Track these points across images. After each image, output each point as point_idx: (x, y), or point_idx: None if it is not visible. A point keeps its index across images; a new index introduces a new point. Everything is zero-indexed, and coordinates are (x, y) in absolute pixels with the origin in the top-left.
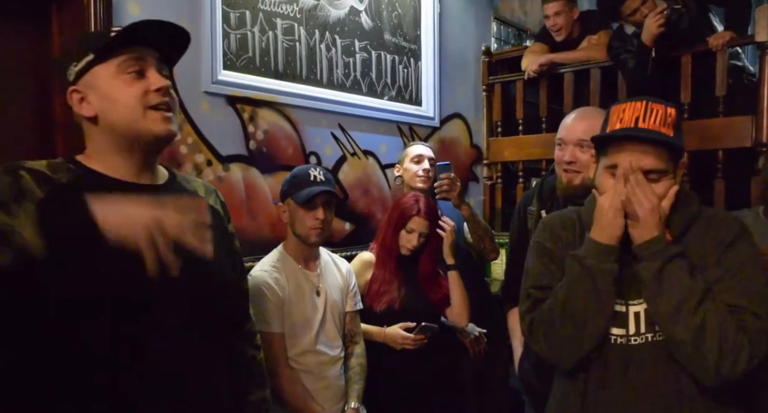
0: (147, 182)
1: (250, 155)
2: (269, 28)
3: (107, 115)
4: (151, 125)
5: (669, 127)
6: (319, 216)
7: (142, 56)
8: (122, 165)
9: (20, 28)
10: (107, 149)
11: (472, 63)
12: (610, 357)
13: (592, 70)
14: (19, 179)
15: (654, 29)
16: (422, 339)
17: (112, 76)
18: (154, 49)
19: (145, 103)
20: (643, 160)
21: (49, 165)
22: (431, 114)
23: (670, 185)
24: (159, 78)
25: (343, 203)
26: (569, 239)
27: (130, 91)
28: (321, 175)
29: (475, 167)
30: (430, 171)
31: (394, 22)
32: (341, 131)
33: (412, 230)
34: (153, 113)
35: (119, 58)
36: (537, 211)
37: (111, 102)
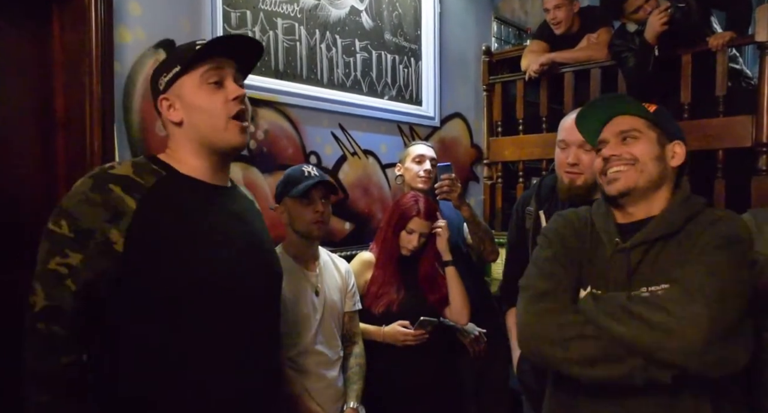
0: (222, 183)
1: (250, 154)
2: (270, 27)
3: (192, 121)
4: (230, 136)
5: (649, 108)
6: (319, 209)
7: (221, 66)
8: (200, 167)
9: (21, 28)
10: (188, 151)
11: (473, 63)
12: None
13: (592, 70)
14: (109, 195)
15: (658, 27)
16: (423, 333)
17: (195, 86)
18: (232, 59)
19: (226, 112)
20: (618, 126)
21: (134, 168)
22: (431, 114)
23: (649, 144)
24: (236, 87)
25: (343, 203)
26: (583, 239)
27: (212, 100)
28: (314, 170)
29: (476, 166)
30: (431, 172)
31: (394, 21)
32: (341, 130)
33: (412, 231)
34: (234, 124)
35: (201, 69)
36: (535, 211)
37: (196, 110)
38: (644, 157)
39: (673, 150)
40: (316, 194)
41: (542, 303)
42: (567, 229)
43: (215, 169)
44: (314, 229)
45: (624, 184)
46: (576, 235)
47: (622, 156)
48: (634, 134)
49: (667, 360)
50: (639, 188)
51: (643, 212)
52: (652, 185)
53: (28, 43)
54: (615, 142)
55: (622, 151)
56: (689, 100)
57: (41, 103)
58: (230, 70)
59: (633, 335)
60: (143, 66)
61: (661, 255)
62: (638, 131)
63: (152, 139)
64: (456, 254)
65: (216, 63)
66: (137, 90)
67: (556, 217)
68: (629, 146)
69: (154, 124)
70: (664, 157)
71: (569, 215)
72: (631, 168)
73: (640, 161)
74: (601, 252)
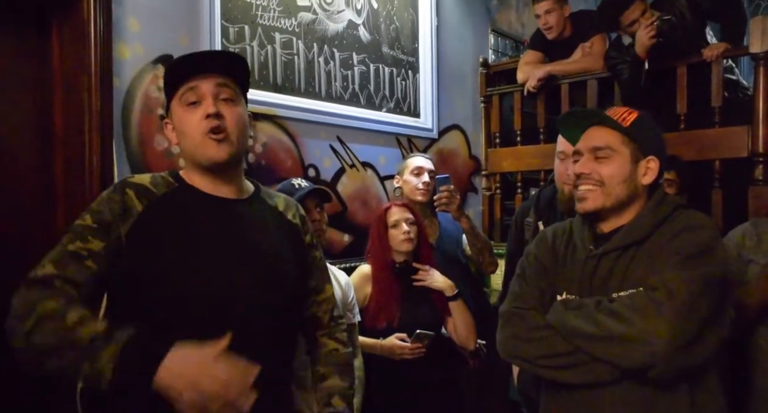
0: (231, 196)
1: (249, 167)
2: (268, 42)
3: (180, 143)
4: (207, 151)
5: (624, 120)
6: (315, 217)
7: (197, 86)
8: (203, 181)
9: (21, 43)
10: (190, 168)
11: (470, 75)
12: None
13: (588, 81)
14: (124, 196)
15: (646, 41)
16: (419, 347)
17: (178, 107)
18: (218, 74)
19: (200, 130)
20: (592, 141)
21: (152, 180)
22: (429, 126)
23: (619, 165)
24: (209, 105)
25: (341, 215)
26: (557, 250)
27: (189, 120)
28: (303, 182)
29: (474, 177)
30: (429, 184)
31: (391, 35)
32: (340, 143)
33: (396, 223)
34: (207, 140)
35: (180, 91)
36: (534, 222)
37: (179, 132)
38: (612, 180)
39: (647, 166)
40: (310, 203)
41: (514, 317)
42: (540, 247)
43: (215, 183)
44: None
45: (591, 205)
46: (550, 249)
47: (591, 176)
48: (607, 151)
49: (630, 368)
50: (606, 208)
51: (617, 223)
52: (620, 204)
53: (27, 59)
54: (587, 157)
55: (592, 169)
56: (685, 111)
57: (40, 118)
58: (209, 86)
59: (597, 346)
60: (142, 81)
61: (632, 262)
62: (611, 148)
63: (151, 154)
64: (455, 265)
65: (193, 83)
66: (136, 105)
67: (535, 238)
68: (600, 165)
69: (152, 139)
70: (635, 176)
71: (545, 232)
72: (598, 189)
73: (607, 184)
74: (577, 259)
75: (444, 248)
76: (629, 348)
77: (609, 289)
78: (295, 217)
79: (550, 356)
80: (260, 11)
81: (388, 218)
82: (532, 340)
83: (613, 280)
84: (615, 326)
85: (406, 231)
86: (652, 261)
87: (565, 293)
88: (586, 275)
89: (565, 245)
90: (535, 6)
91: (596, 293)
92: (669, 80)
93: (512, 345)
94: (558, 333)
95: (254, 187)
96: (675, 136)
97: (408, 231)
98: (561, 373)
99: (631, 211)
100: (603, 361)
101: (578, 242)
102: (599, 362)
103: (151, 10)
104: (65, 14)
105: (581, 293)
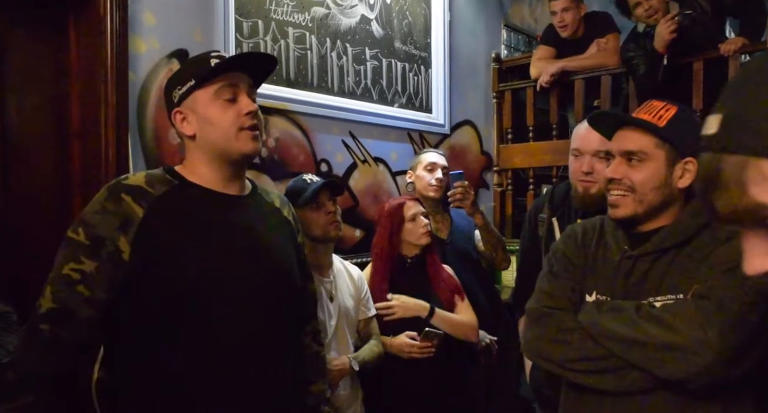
0: (235, 193)
1: (261, 162)
2: (281, 36)
3: (205, 134)
4: (241, 145)
5: (660, 119)
6: (330, 209)
7: (235, 82)
8: (213, 176)
9: (38, 38)
10: (201, 162)
11: (483, 70)
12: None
13: (603, 77)
14: (120, 204)
15: (666, 35)
16: (428, 346)
17: (209, 101)
18: (246, 73)
19: (238, 125)
20: (624, 143)
21: (147, 179)
22: (441, 121)
23: (653, 171)
24: (249, 103)
25: (353, 210)
26: (587, 248)
27: (225, 115)
28: (314, 177)
29: (486, 173)
30: (443, 180)
31: (404, 30)
32: (352, 138)
33: (414, 216)
34: (244, 134)
35: (216, 85)
36: (548, 218)
37: (208, 124)
38: (644, 187)
39: (684, 168)
40: (323, 196)
41: (544, 317)
42: (569, 245)
43: (228, 178)
44: (331, 230)
45: (623, 212)
46: (579, 247)
47: (622, 181)
48: (640, 156)
49: (671, 378)
50: (639, 214)
51: (655, 224)
52: (654, 210)
53: (44, 54)
54: (619, 161)
55: (624, 175)
56: (701, 107)
57: (57, 112)
58: (244, 85)
59: (636, 352)
60: (157, 75)
61: (671, 265)
62: (644, 152)
63: (166, 147)
64: (466, 261)
65: (231, 80)
66: (151, 99)
67: (562, 234)
68: (632, 170)
69: (167, 132)
70: (671, 180)
71: (574, 228)
72: (630, 196)
73: (639, 191)
74: (609, 259)
75: (456, 243)
76: (673, 357)
77: (644, 292)
78: (289, 214)
79: (582, 360)
80: (274, 6)
81: (405, 212)
82: (563, 342)
83: (649, 283)
84: (659, 333)
85: (425, 224)
86: (694, 267)
87: (595, 294)
88: (620, 277)
89: (596, 243)
90: (551, 3)
91: (630, 296)
92: (685, 76)
93: (541, 346)
94: (590, 336)
95: (251, 184)
96: None
97: (427, 224)
98: (591, 378)
99: (668, 214)
100: (639, 368)
101: (611, 241)
102: (635, 369)
103: (166, 5)
104: (82, 9)
105: (613, 294)
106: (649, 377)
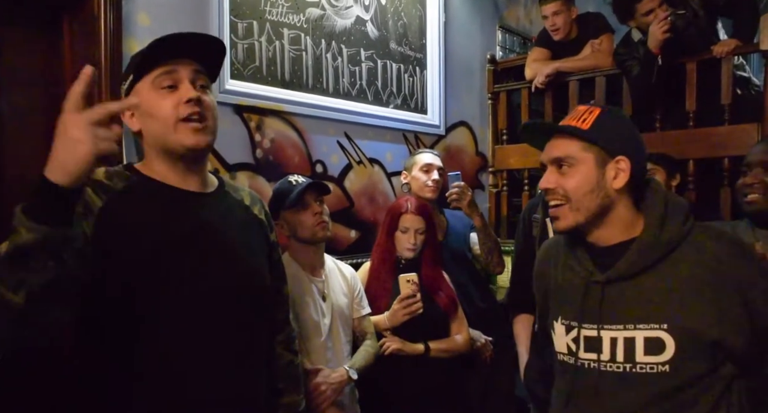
0: (195, 189)
1: (256, 163)
2: (276, 37)
3: (147, 128)
4: (181, 138)
5: (584, 122)
6: (317, 210)
7: (174, 69)
8: (168, 172)
9: (32, 39)
10: (154, 158)
11: (478, 71)
12: (579, 378)
13: (597, 78)
14: (84, 195)
15: (659, 35)
16: (412, 295)
17: (148, 92)
18: (192, 60)
19: (176, 116)
20: (552, 151)
21: (106, 173)
22: (437, 122)
23: (583, 175)
24: (189, 89)
25: (348, 211)
26: (555, 267)
27: (163, 105)
28: (299, 178)
29: (481, 174)
30: (439, 181)
31: (399, 31)
32: (347, 139)
33: (406, 229)
34: (183, 126)
35: (153, 74)
36: (542, 219)
37: (148, 117)
38: (577, 193)
39: (616, 168)
40: (309, 197)
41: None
42: (541, 266)
43: (183, 174)
44: (318, 231)
45: (564, 224)
46: (551, 267)
47: (555, 191)
48: (569, 161)
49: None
50: (581, 223)
51: (612, 236)
52: (594, 217)
53: (38, 54)
54: (550, 170)
55: (556, 184)
56: (694, 109)
57: (51, 113)
58: (186, 71)
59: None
60: None
61: (643, 287)
62: (572, 157)
63: None
64: (461, 262)
65: (170, 66)
66: None
67: (538, 253)
68: (564, 178)
69: None
70: (604, 182)
71: (548, 245)
72: (565, 206)
73: (573, 199)
74: (576, 282)
75: (451, 244)
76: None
77: (616, 318)
78: (261, 212)
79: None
80: (268, 7)
81: (401, 222)
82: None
83: (623, 310)
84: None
85: (412, 243)
86: (668, 286)
87: (560, 319)
88: (590, 302)
89: (560, 264)
90: (542, 7)
91: (598, 320)
92: (679, 77)
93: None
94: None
95: (218, 181)
96: (684, 133)
97: (414, 243)
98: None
99: (614, 220)
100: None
101: (574, 263)
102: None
103: (160, 6)
104: (76, 10)
105: (582, 320)
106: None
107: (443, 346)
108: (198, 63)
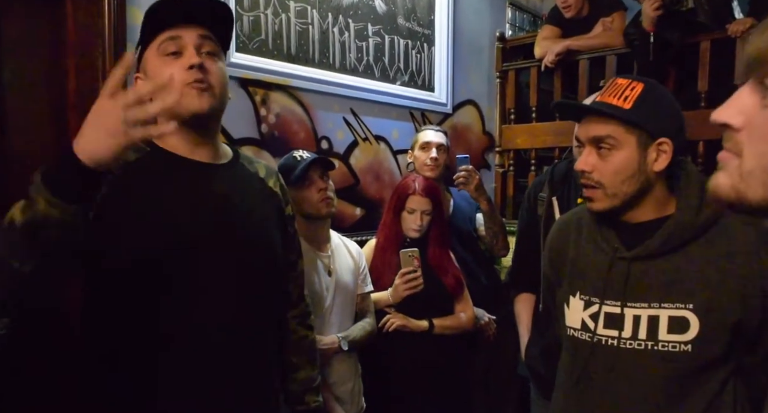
0: (206, 160)
1: (261, 138)
2: (282, 10)
3: (154, 97)
4: (187, 102)
5: (625, 100)
6: (321, 186)
7: (178, 35)
8: (179, 143)
9: (34, 10)
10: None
11: (486, 49)
12: (595, 355)
13: (608, 57)
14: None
15: (651, 13)
16: (413, 271)
17: (153, 58)
18: (199, 25)
19: (182, 80)
20: (591, 129)
21: None
22: (444, 100)
23: (624, 160)
24: (192, 55)
25: (354, 188)
26: (577, 243)
27: (167, 71)
28: (304, 153)
29: (488, 154)
30: (437, 159)
31: (407, 6)
32: (353, 115)
33: (413, 210)
34: (188, 90)
35: (158, 40)
36: (548, 198)
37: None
38: (615, 178)
39: (657, 150)
40: (314, 173)
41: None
42: (558, 240)
43: (193, 144)
44: (322, 207)
45: (599, 206)
46: (569, 242)
47: (591, 176)
48: (610, 142)
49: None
50: (616, 206)
51: (642, 215)
52: (631, 199)
53: (41, 25)
54: (588, 151)
55: (593, 167)
56: (706, 89)
57: (54, 84)
58: (191, 37)
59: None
60: None
61: (670, 267)
62: (613, 137)
63: None
64: (466, 241)
65: (174, 32)
66: None
67: (554, 227)
68: (602, 161)
69: None
70: (645, 165)
71: (567, 220)
72: (599, 190)
73: (608, 186)
74: (600, 258)
75: (456, 224)
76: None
77: (641, 295)
78: (276, 185)
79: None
80: None
81: (408, 203)
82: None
83: (648, 288)
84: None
85: (418, 224)
86: (702, 269)
87: (579, 294)
88: (614, 279)
89: (583, 238)
90: None
91: (628, 300)
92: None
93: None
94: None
95: (233, 152)
96: (695, 114)
97: (420, 225)
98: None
99: (649, 200)
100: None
101: (599, 237)
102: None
103: None
104: None
105: (604, 296)
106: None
107: (447, 323)
108: (205, 29)
